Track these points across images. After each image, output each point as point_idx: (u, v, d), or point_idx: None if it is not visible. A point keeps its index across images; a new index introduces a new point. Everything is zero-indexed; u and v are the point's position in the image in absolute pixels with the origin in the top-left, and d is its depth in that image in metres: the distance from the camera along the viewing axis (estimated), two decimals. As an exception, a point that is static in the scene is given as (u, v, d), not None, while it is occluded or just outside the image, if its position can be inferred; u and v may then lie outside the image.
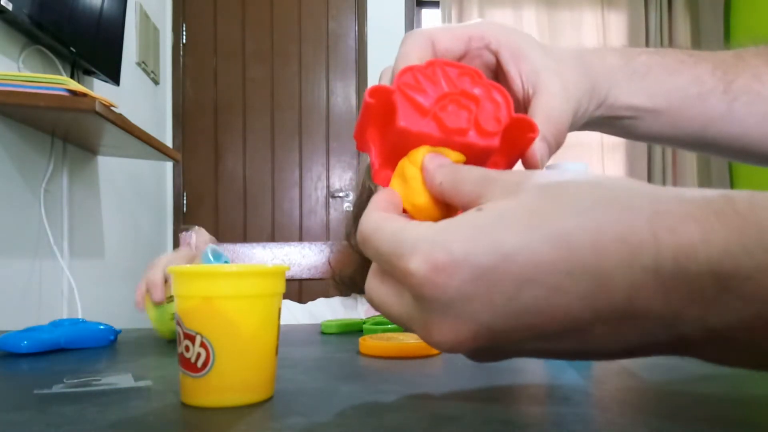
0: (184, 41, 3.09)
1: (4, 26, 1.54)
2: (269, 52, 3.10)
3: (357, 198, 1.01)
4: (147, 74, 2.69)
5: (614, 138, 0.58)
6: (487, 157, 0.33)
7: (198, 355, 0.35)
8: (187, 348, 0.35)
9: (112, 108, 1.54)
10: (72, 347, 0.57)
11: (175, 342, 0.38)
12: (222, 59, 3.09)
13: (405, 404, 0.36)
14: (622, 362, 0.46)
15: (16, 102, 1.41)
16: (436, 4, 3.21)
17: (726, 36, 3.12)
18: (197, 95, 3.09)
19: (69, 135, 1.78)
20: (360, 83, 3.12)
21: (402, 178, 0.32)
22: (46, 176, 1.74)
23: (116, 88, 2.12)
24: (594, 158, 3.16)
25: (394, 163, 0.33)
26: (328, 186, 3.11)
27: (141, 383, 0.41)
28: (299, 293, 2.41)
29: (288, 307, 0.94)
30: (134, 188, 2.55)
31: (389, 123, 0.32)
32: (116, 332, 0.62)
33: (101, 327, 0.61)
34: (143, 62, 2.60)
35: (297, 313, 0.94)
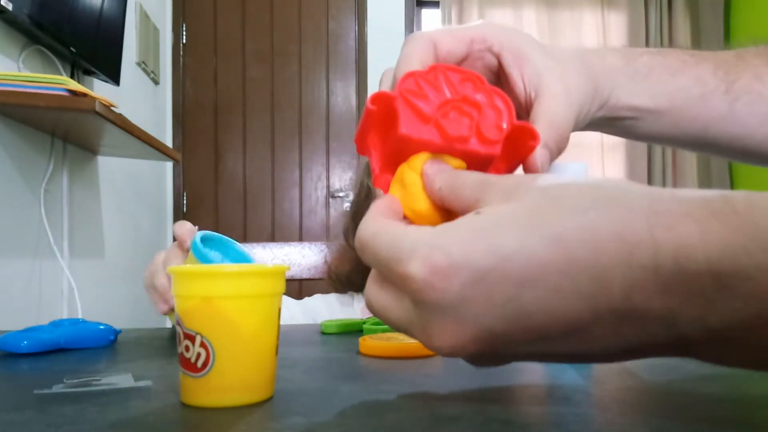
0: (184, 41, 3.09)
1: (4, 26, 1.54)
2: (269, 52, 3.10)
3: (355, 196, 1.00)
4: (147, 74, 2.69)
5: (614, 138, 0.58)
6: (488, 164, 0.33)
7: (198, 355, 0.35)
8: (187, 348, 0.35)
9: (112, 108, 1.54)
10: (72, 347, 0.57)
11: (176, 342, 0.38)
12: (222, 59, 3.10)
13: (405, 404, 0.36)
14: (622, 362, 0.46)
15: (16, 102, 1.41)
16: (436, 4, 3.21)
17: (726, 36, 3.12)
18: (197, 95, 3.09)
19: (69, 135, 1.78)
20: (360, 83, 3.12)
21: (401, 184, 0.32)
22: (46, 176, 1.74)
23: (116, 88, 2.12)
24: (594, 158, 3.16)
25: (395, 168, 0.33)
26: (328, 186, 3.11)
27: (141, 383, 0.41)
28: (299, 293, 2.40)
29: (284, 303, 0.94)
30: (134, 188, 2.55)
31: (391, 129, 0.32)
32: (116, 332, 0.62)
33: (101, 327, 0.61)
34: (143, 62, 2.60)
35: (293, 309, 0.94)
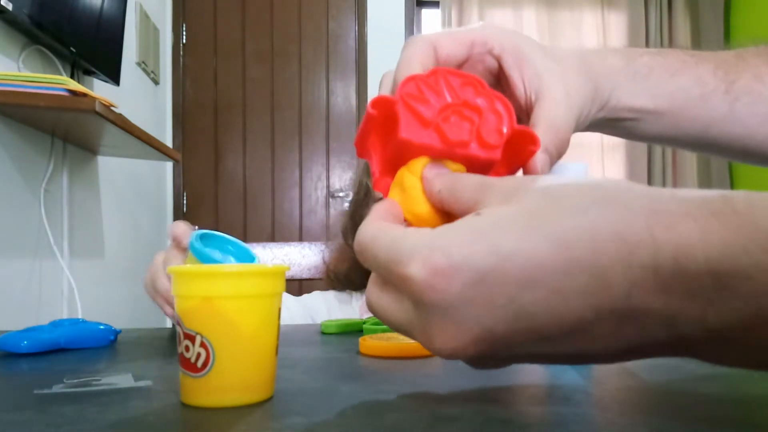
0: (184, 41, 3.09)
1: (4, 26, 1.54)
2: (269, 52, 3.10)
3: (354, 195, 1.00)
4: (147, 74, 2.69)
5: (614, 138, 0.58)
6: (489, 169, 0.33)
7: (198, 355, 0.35)
8: (187, 348, 0.35)
9: (112, 108, 1.54)
10: (72, 347, 0.57)
11: (176, 342, 0.38)
12: (222, 59, 3.10)
13: (405, 404, 0.36)
14: (622, 362, 0.46)
15: (16, 102, 1.41)
16: (436, 4, 3.21)
17: (726, 36, 3.12)
18: (197, 95, 3.09)
19: (69, 135, 1.78)
20: (360, 83, 3.12)
21: (401, 188, 0.32)
22: (46, 176, 1.74)
23: (116, 88, 2.12)
24: (594, 158, 3.16)
25: (395, 172, 0.33)
26: (328, 186, 3.11)
27: (141, 383, 0.41)
28: (299, 293, 2.40)
29: (283, 301, 0.93)
30: (134, 188, 2.55)
31: (391, 133, 0.32)
32: (116, 332, 0.62)
33: (101, 327, 0.61)
34: (143, 62, 2.60)
35: (291, 305, 0.94)
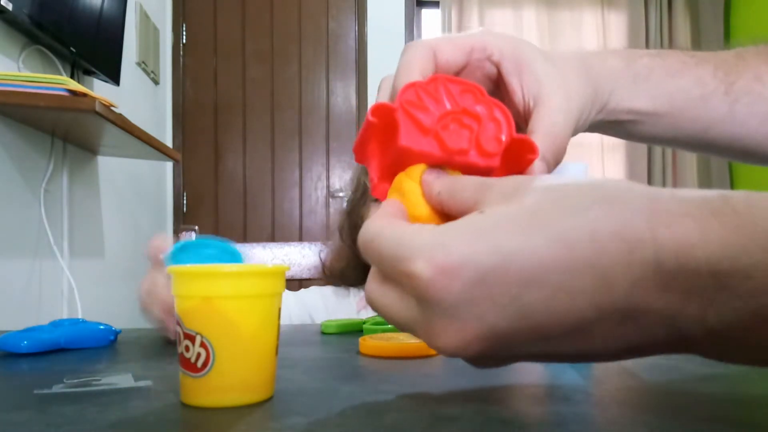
0: (184, 41, 3.09)
1: (4, 26, 1.54)
2: (269, 52, 3.10)
3: (352, 194, 1.00)
4: (147, 74, 2.69)
5: (614, 138, 0.58)
6: (487, 176, 0.33)
7: (198, 355, 0.35)
8: (187, 348, 0.35)
9: (112, 108, 1.54)
10: (72, 347, 0.57)
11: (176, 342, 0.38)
12: (222, 59, 3.09)
13: (405, 404, 0.36)
14: (622, 362, 0.46)
15: (16, 102, 1.41)
16: (436, 4, 3.21)
17: (726, 36, 3.12)
18: (197, 95, 3.09)
19: (69, 135, 1.78)
20: (360, 83, 3.12)
21: (399, 192, 0.32)
22: (46, 176, 1.73)
23: (116, 88, 2.12)
24: (594, 158, 3.16)
25: (393, 178, 0.33)
26: (328, 186, 3.11)
27: (141, 383, 0.41)
28: (299, 293, 2.39)
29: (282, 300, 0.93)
30: (134, 188, 2.55)
31: (390, 140, 0.32)
32: (116, 332, 0.62)
33: (101, 327, 0.61)
34: (143, 62, 2.60)
35: (289, 302, 0.94)
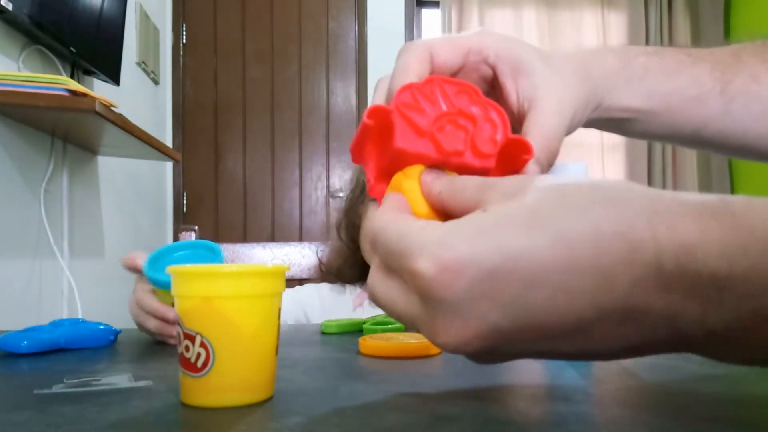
0: (184, 41, 3.09)
1: (4, 26, 1.54)
2: (269, 52, 3.10)
3: (350, 192, 1.00)
4: (147, 74, 2.69)
5: (614, 138, 0.58)
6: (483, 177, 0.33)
7: (198, 355, 0.35)
8: (187, 348, 0.35)
9: (112, 108, 1.54)
10: (72, 347, 0.57)
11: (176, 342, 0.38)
12: (222, 59, 3.09)
13: (405, 404, 0.36)
14: (622, 362, 0.46)
15: (16, 102, 1.41)
16: (436, 4, 3.21)
17: (726, 36, 3.12)
18: (197, 95, 3.09)
19: (69, 135, 1.78)
20: (360, 83, 3.12)
21: (398, 192, 0.32)
22: (46, 176, 1.73)
23: (116, 88, 2.12)
24: (594, 158, 3.16)
25: (389, 179, 0.33)
26: (328, 186, 3.11)
27: (141, 383, 0.41)
28: (299, 293, 2.39)
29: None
30: (134, 188, 2.55)
31: (387, 141, 0.32)
32: (116, 332, 0.62)
33: (101, 327, 0.61)
34: (143, 62, 2.60)
35: (284, 299, 0.94)
